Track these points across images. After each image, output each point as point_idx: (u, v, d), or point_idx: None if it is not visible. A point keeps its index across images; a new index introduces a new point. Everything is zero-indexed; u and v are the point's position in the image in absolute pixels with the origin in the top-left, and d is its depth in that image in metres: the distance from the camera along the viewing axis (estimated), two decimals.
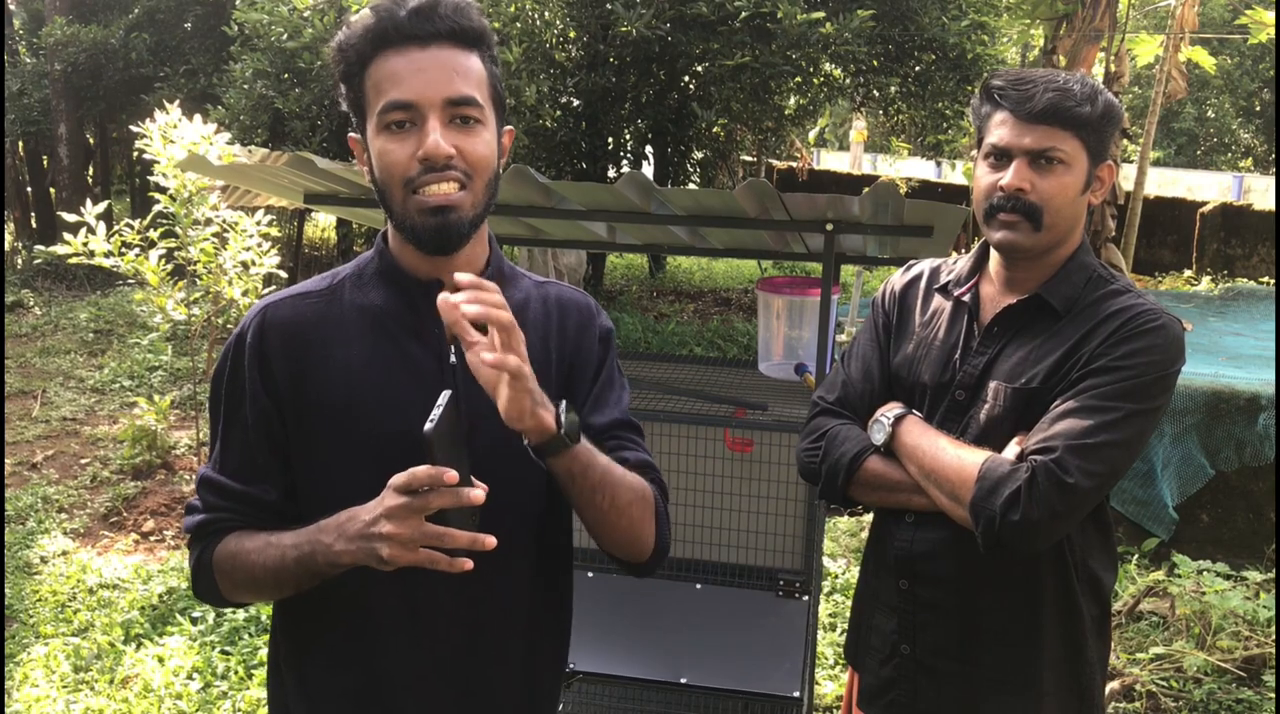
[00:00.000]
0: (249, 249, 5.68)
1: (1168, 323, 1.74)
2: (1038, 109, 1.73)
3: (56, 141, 12.99)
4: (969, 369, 1.84)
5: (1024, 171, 1.75)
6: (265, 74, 8.35)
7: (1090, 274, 1.82)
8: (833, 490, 1.90)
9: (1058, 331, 1.78)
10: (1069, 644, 1.85)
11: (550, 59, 7.75)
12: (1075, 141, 1.74)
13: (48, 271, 11.87)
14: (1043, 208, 1.75)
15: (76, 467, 6.33)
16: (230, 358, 1.51)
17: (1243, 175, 21.04)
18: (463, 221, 1.41)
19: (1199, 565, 4.57)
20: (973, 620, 1.84)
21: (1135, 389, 1.69)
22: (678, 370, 3.45)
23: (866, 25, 7.12)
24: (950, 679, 1.87)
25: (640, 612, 2.98)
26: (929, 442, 1.79)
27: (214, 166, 3.39)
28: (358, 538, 1.32)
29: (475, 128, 1.41)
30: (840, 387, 1.98)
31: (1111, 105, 1.76)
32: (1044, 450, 1.67)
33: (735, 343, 9.46)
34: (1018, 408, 1.77)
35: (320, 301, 1.50)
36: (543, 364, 1.53)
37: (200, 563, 1.51)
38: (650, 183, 2.63)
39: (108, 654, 4.04)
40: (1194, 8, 10.83)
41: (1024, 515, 1.64)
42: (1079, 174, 1.76)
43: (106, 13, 12.75)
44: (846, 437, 1.89)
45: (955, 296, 1.91)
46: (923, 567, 1.87)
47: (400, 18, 1.38)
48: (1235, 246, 13.38)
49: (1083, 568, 1.84)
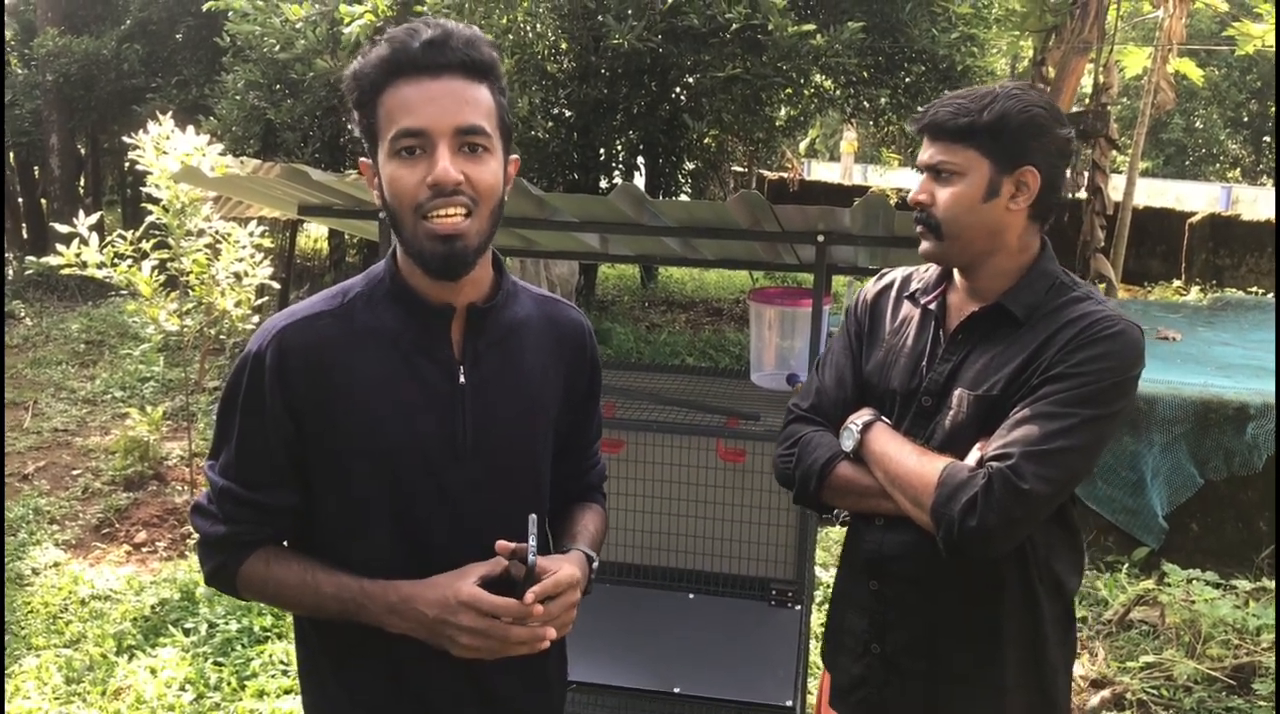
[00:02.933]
0: (241, 260, 5.69)
1: (1126, 328, 1.76)
2: (926, 125, 1.82)
3: (48, 152, 12.98)
4: (935, 376, 1.88)
5: (926, 185, 1.84)
6: (257, 85, 8.37)
7: (1052, 281, 1.85)
8: (806, 495, 1.96)
9: (1018, 339, 1.81)
10: (1031, 643, 1.89)
11: (542, 71, 7.78)
12: (970, 152, 1.79)
13: (39, 282, 11.85)
14: (940, 219, 1.81)
15: (68, 478, 6.32)
16: (248, 376, 1.53)
17: (1231, 186, 21.17)
18: (469, 249, 1.47)
19: (1189, 574, 4.59)
20: (938, 620, 1.89)
21: (1092, 395, 1.72)
22: (670, 380, 3.46)
23: (857, 37, 7.15)
24: (917, 677, 1.92)
25: (633, 621, 2.99)
26: (894, 448, 1.83)
27: (208, 178, 3.40)
28: (424, 629, 1.48)
29: (483, 156, 1.46)
30: (814, 394, 2.03)
31: (1007, 113, 1.77)
32: (1001, 457, 1.70)
33: (727, 353, 9.48)
34: (981, 415, 1.80)
35: (334, 323, 1.54)
36: (540, 382, 1.64)
37: (221, 575, 1.58)
38: (643, 194, 2.65)
39: (100, 666, 4.03)
40: (1182, 20, 10.90)
41: (980, 521, 1.68)
42: (976, 183, 1.80)
43: (99, 24, 12.75)
44: (819, 443, 1.94)
45: (923, 304, 1.95)
46: (891, 568, 1.91)
47: (414, 49, 1.43)
48: (1224, 257, 13.46)
49: (1046, 569, 1.87)
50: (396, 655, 1.56)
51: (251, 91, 8.40)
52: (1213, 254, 13.51)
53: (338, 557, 1.55)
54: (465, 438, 1.55)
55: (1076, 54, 9.46)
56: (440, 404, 1.53)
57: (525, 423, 1.61)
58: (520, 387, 1.61)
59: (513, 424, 1.58)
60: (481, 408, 1.55)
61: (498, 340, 1.59)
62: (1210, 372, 6.14)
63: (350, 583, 1.50)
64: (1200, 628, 4.18)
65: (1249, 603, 4.48)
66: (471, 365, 1.56)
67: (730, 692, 2.68)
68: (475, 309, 1.56)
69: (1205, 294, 10.93)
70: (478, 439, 1.54)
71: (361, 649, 1.58)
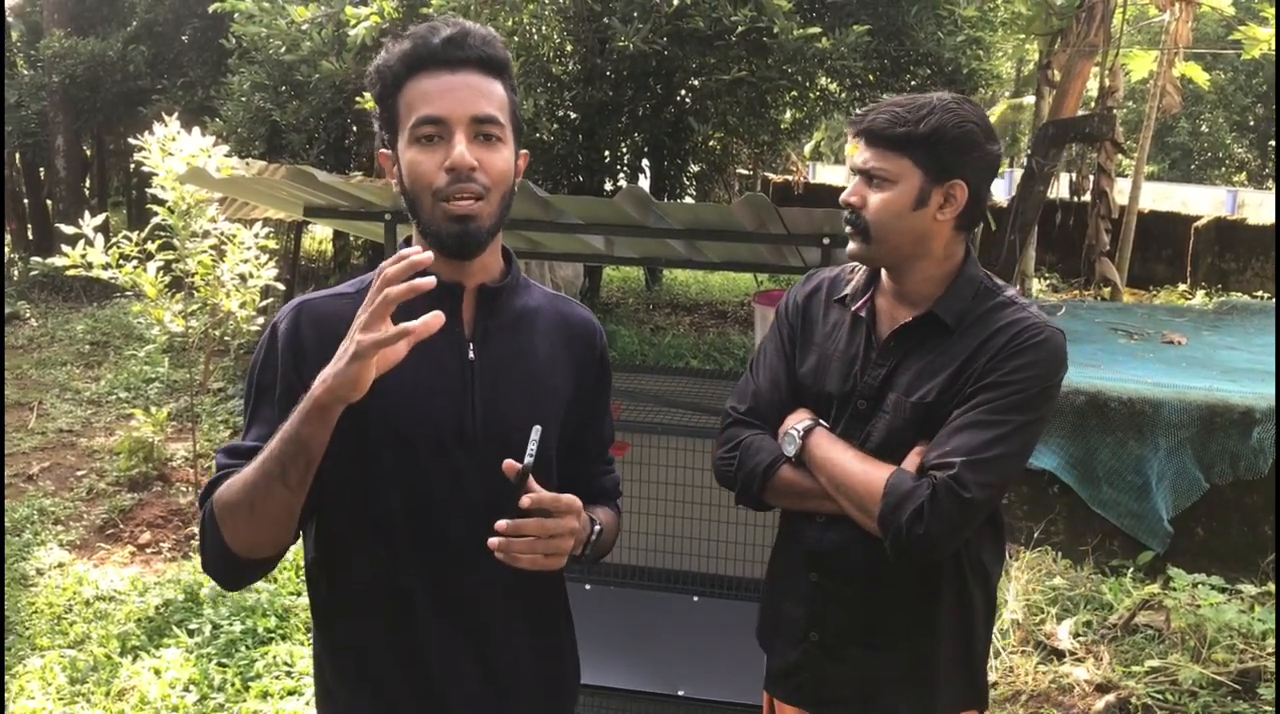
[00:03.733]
0: (247, 261, 5.70)
1: (1050, 336, 1.84)
2: (864, 129, 1.87)
3: (54, 153, 12.99)
4: (869, 381, 1.93)
5: (858, 188, 1.88)
6: (263, 87, 8.38)
7: (978, 286, 1.91)
8: (748, 496, 2.02)
9: (949, 347, 1.87)
10: (963, 633, 1.97)
11: (547, 73, 7.78)
12: (903, 160, 1.83)
13: (44, 283, 11.86)
14: (869, 222, 1.86)
15: (73, 478, 6.33)
16: (265, 347, 1.60)
17: (1237, 190, 21.13)
18: (481, 230, 1.55)
19: (1194, 578, 4.58)
20: (876, 611, 1.96)
21: (1022, 402, 1.80)
22: (674, 383, 3.46)
23: (863, 40, 7.14)
24: (855, 665, 1.98)
25: (637, 624, 2.99)
26: (837, 455, 1.89)
27: (214, 179, 3.41)
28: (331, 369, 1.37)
29: (497, 144, 1.56)
30: (750, 397, 2.07)
31: (939, 125, 1.82)
32: (943, 466, 1.77)
33: (731, 356, 9.48)
34: (916, 420, 1.87)
35: (350, 301, 1.58)
36: (550, 370, 1.69)
37: (205, 520, 1.52)
38: (648, 197, 2.65)
39: (104, 666, 4.04)
40: (1188, 23, 10.89)
41: (927, 529, 1.75)
42: (906, 192, 1.84)
43: (105, 25, 12.77)
44: (760, 447, 1.99)
45: (853, 311, 2.00)
46: (831, 563, 1.97)
47: (434, 44, 1.54)
48: (1229, 261, 13.44)
49: (975, 561, 1.95)
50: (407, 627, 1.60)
51: (257, 93, 8.41)
52: (1218, 258, 13.50)
53: (346, 533, 1.60)
54: (474, 416, 1.59)
55: (1082, 57, 9.46)
56: (449, 380, 1.59)
57: (535, 405, 1.65)
58: (530, 370, 1.66)
59: (522, 405, 1.62)
60: (491, 387, 1.60)
61: (508, 323, 1.65)
62: (1215, 376, 6.12)
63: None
64: (1205, 632, 4.17)
65: (1254, 607, 4.47)
66: (481, 344, 1.61)
67: (734, 694, 2.67)
68: (485, 289, 1.63)
69: (1211, 298, 10.92)
70: (487, 418, 1.59)
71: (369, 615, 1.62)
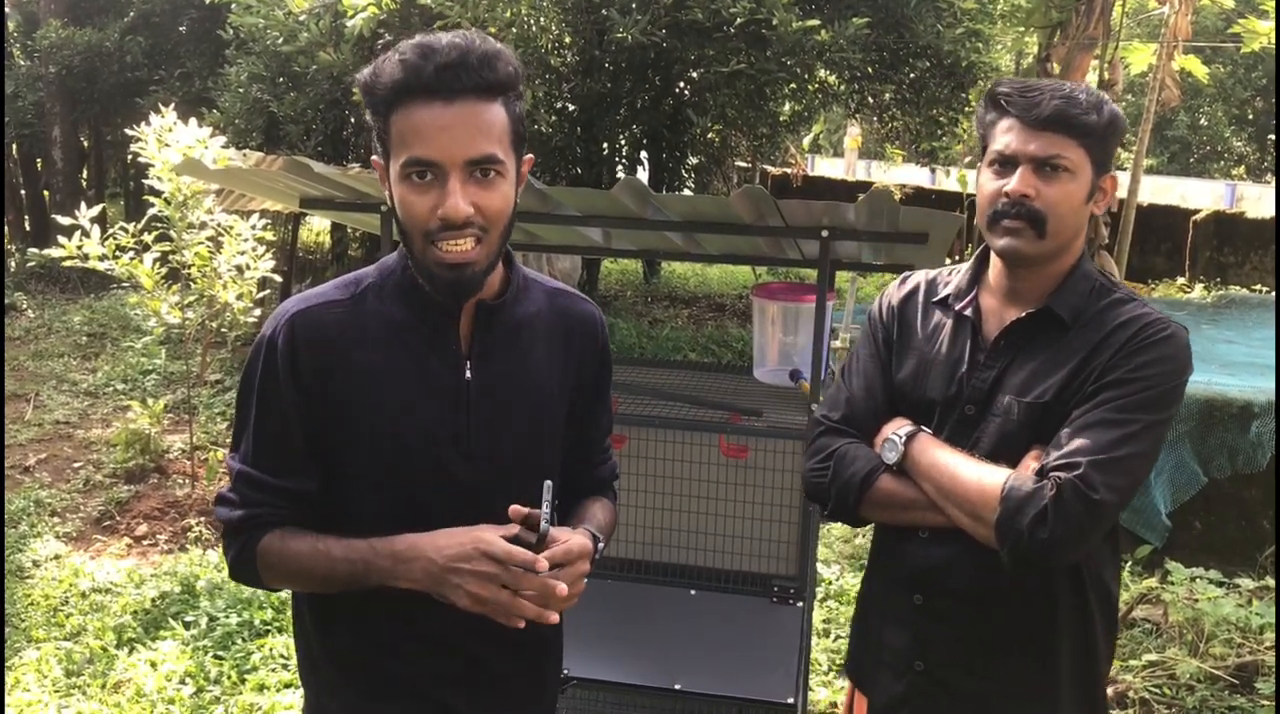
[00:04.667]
0: (243, 253, 5.68)
1: (1176, 332, 1.76)
2: (1044, 115, 1.72)
3: (50, 144, 12.95)
4: (977, 383, 1.83)
5: (1029, 178, 1.74)
6: (260, 78, 8.35)
7: (1093, 283, 1.82)
8: (844, 511, 1.89)
9: (1066, 343, 1.77)
10: (1084, 656, 1.84)
11: (546, 64, 7.76)
12: (1080, 150, 1.74)
13: (41, 275, 11.85)
14: (1047, 214, 1.74)
15: (69, 470, 6.31)
16: (262, 359, 1.55)
17: (1235, 183, 21.11)
18: (476, 275, 1.48)
19: (1192, 572, 4.57)
20: (988, 634, 1.84)
21: (1151, 400, 1.71)
22: (672, 376, 3.45)
23: (861, 32, 7.13)
24: (965, 695, 1.86)
25: (634, 617, 2.98)
26: (945, 460, 1.78)
27: (210, 170, 3.39)
28: (431, 578, 1.44)
29: (495, 180, 1.45)
30: (844, 404, 1.96)
31: (1116, 116, 1.76)
32: (1067, 466, 1.66)
33: (730, 348, 9.47)
34: (1032, 422, 1.76)
35: (344, 310, 1.55)
36: (548, 379, 1.64)
37: (242, 557, 1.56)
38: (646, 189, 2.63)
39: (100, 659, 4.03)
40: (1187, 17, 10.86)
41: (1052, 533, 1.63)
42: (1083, 183, 1.76)
43: (101, 16, 12.73)
44: (856, 456, 1.88)
45: (957, 311, 1.89)
46: (938, 581, 1.85)
47: (428, 74, 1.40)
48: (1228, 254, 13.42)
49: (1096, 580, 1.83)
50: (395, 641, 1.58)
51: (254, 84, 8.38)
52: (1217, 252, 13.48)
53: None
54: (470, 435, 1.55)
55: (1081, 50, 9.43)
56: (444, 399, 1.54)
57: (533, 422, 1.61)
58: (528, 386, 1.61)
59: (520, 423, 1.58)
60: (488, 405, 1.55)
61: (506, 337, 1.59)
62: (1214, 370, 6.12)
63: (359, 543, 1.50)
64: (1203, 626, 4.17)
65: (1252, 601, 4.47)
66: (478, 362, 1.56)
67: (731, 688, 2.66)
68: (484, 306, 1.56)
69: (1209, 292, 10.90)
70: (484, 437, 1.54)
71: (359, 626, 1.60)
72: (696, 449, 3.08)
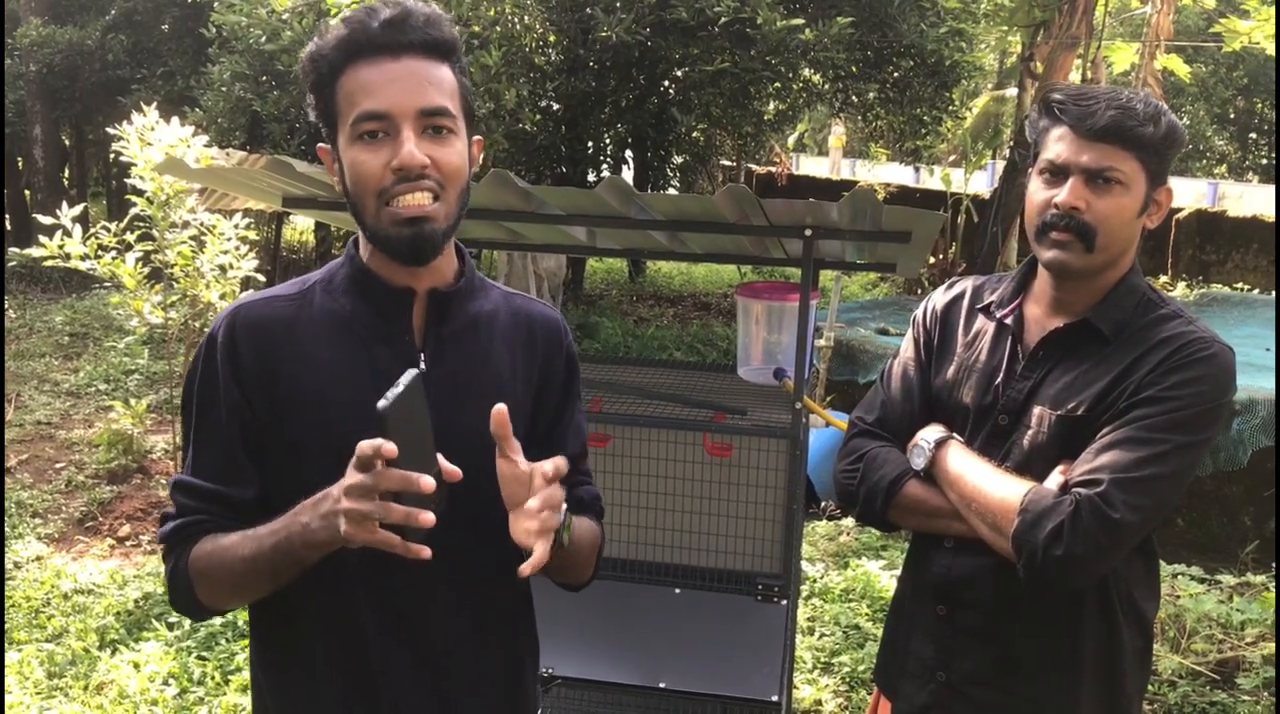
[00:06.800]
0: (227, 252, 5.65)
1: (1219, 352, 1.69)
2: (1099, 126, 1.66)
3: (31, 143, 12.89)
4: (1012, 393, 1.79)
5: (1080, 190, 1.68)
6: (243, 76, 8.31)
7: (1140, 297, 1.77)
8: (871, 514, 1.87)
9: (1105, 357, 1.73)
10: (1109, 676, 1.80)
11: (530, 63, 7.75)
12: (1135, 162, 1.68)
13: (22, 274, 11.79)
14: (1097, 228, 1.69)
15: (51, 471, 6.28)
16: (202, 360, 1.49)
17: (1217, 182, 21.24)
18: (436, 232, 1.42)
19: (1174, 569, 4.60)
20: (1011, 648, 1.81)
21: (1185, 421, 1.64)
22: (657, 375, 3.45)
23: (846, 32, 7.15)
24: (986, 708, 1.84)
25: (618, 616, 2.98)
26: (971, 469, 1.75)
27: (192, 169, 3.37)
28: (326, 515, 1.31)
29: (448, 137, 1.42)
30: (880, 407, 1.93)
31: (1173, 127, 1.70)
32: (1089, 483, 1.62)
33: (715, 347, 9.49)
34: (1063, 435, 1.72)
35: (290, 305, 1.50)
36: (510, 379, 1.55)
37: (176, 569, 1.48)
38: (630, 188, 2.63)
39: (82, 660, 4.01)
40: (1169, 16, 10.93)
41: (1067, 550, 1.60)
42: (1136, 196, 1.70)
43: (83, 14, 12.66)
44: (886, 459, 1.85)
45: (998, 318, 1.86)
46: (961, 592, 1.83)
47: (373, 29, 1.39)
48: (1210, 253, 13.49)
49: (1126, 599, 1.79)
50: (361, 673, 1.50)
51: (237, 83, 8.34)
52: (1199, 250, 13.55)
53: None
54: None
55: (1065, 49, 9.49)
56: None
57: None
58: (486, 380, 1.52)
59: (480, 420, 1.42)
60: (443, 400, 1.44)
61: (461, 330, 1.52)
62: None
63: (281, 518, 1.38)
64: (1185, 623, 4.20)
65: (1233, 598, 4.50)
66: (433, 354, 1.49)
67: (716, 686, 2.67)
68: (437, 294, 1.50)
69: (1191, 290, 10.97)
70: (440, 433, 1.37)
71: (314, 635, 1.51)
72: (681, 448, 3.08)
